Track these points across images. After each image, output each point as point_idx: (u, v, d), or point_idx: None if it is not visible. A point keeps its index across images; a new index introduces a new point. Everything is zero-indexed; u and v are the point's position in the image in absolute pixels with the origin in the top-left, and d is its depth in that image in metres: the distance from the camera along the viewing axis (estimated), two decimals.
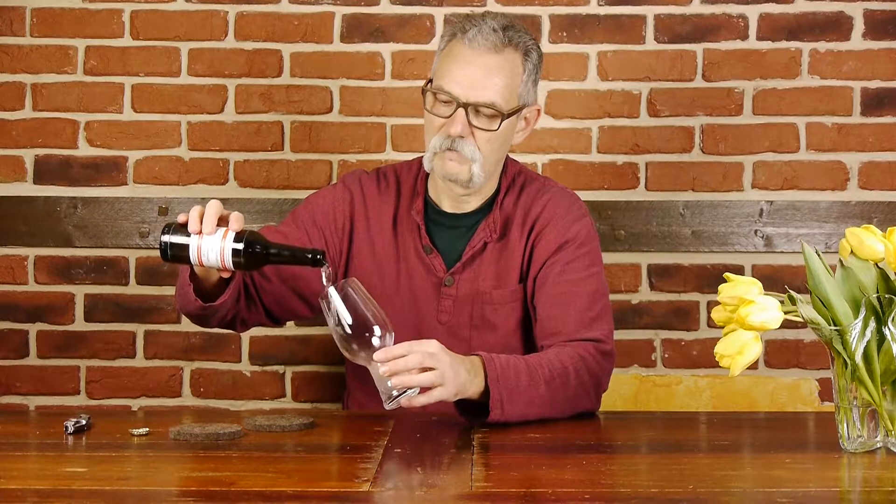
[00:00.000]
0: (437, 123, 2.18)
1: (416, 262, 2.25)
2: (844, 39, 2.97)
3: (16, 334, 3.00)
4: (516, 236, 2.24)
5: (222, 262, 1.89)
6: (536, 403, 2.01)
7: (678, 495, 1.55)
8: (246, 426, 1.94)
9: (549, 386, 2.03)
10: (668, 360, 2.99)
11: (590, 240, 2.25)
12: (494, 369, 1.98)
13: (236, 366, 2.97)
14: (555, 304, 2.18)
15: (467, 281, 2.23)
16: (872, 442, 1.77)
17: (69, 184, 2.99)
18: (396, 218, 2.28)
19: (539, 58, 2.25)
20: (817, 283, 1.74)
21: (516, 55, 2.19)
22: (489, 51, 2.16)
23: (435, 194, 2.29)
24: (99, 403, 3.00)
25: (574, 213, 2.27)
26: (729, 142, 2.99)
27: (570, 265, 2.20)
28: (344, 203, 2.29)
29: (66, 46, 2.98)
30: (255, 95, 2.99)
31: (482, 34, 2.16)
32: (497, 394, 1.97)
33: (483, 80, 2.15)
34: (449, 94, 2.16)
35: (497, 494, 1.55)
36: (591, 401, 2.12)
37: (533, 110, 2.27)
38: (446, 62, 2.19)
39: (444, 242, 2.26)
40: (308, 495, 1.58)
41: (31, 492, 1.57)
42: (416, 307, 2.23)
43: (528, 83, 2.22)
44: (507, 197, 2.27)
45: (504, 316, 2.23)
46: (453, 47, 2.19)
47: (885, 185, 2.98)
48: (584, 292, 2.19)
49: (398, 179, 2.32)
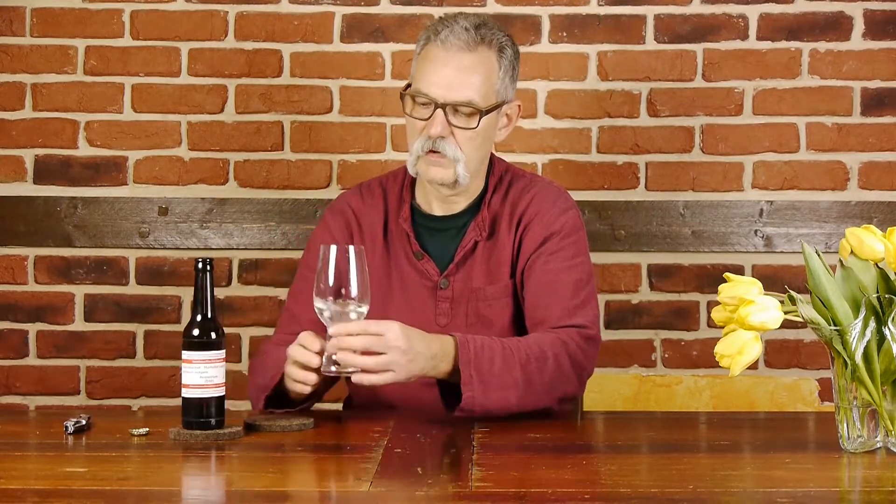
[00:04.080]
0: (418, 126, 2.20)
1: (408, 268, 2.26)
2: (844, 39, 2.97)
3: (16, 334, 3.00)
4: (505, 233, 2.26)
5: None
6: (511, 385, 2.01)
7: (678, 495, 1.55)
8: (246, 426, 1.94)
9: (524, 369, 2.03)
10: (668, 360, 2.99)
11: (575, 230, 2.26)
12: (468, 352, 2.00)
13: (236, 366, 2.97)
14: (540, 293, 2.20)
15: (461, 281, 2.24)
16: (872, 442, 1.77)
17: (69, 184, 2.99)
18: (387, 227, 2.29)
19: (514, 54, 2.25)
20: (817, 283, 1.74)
21: (490, 52, 2.20)
22: (462, 50, 2.18)
23: (423, 199, 2.30)
24: (99, 403, 3.00)
25: (559, 205, 2.28)
26: (729, 142, 2.99)
27: (554, 255, 2.22)
28: (340, 227, 2.31)
29: (66, 46, 2.98)
30: (255, 95, 2.99)
31: (454, 34, 2.18)
32: (468, 375, 1.98)
33: (459, 79, 2.17)
34: (426, 96, 2.18)
35: (497, 494, 1.55)
36: (573, 385, 2.13)
37: (513, 106, 2.28)
38: (422, 65, 2.21)
39: (434, 246, 2.27)
40: (308, 495, 1.58)
41: (31, 492, 1.57)
42: (413, 313, 2.23)
43: (506, 80, 2.23)
44: (495, 195, 2.28)
45: (498, 311, 2.24)
46: (428, 51, 2.21)
47: (885, 185, 2.98)
48: (568, 281, 2.20)
49: (384, 190, 2.33)
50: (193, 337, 1.89)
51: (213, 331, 1.89)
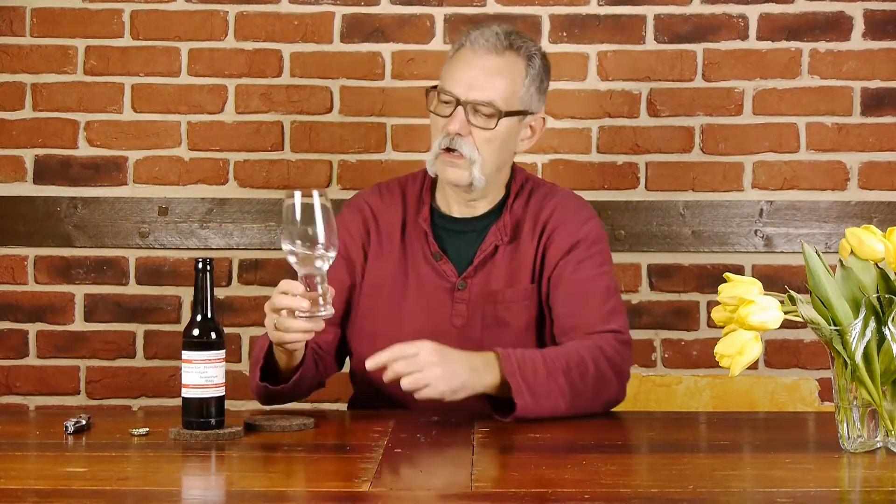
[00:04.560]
0: (440, 124, 2.22)
1: (426, 269, 2.27)
2: (844, 39, 2.97)
3: (16, 334, 3.00)
4: (527, 239, 2.27)
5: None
6: (557, 393, 2.05)
7: (678, 495, 1.55)
8: (246, 426, 1.94)
9: (567, 376, 2.06)
10: (668, 360, 2.99)
11: (600, 239, 2.30)
12: (511, 364, 2.03)
13: (236, 366, 2.97)
14: (572, 301, 2.22)
15: (479, 283, 2.25)
16: (872, 442, 1.77)
17: (69, 184, 2.99)
18: (405, 227, 2.30)
19: (544, 67, 2.28)
20: (817, 283, 1.74)
21: (518, 59, 2.23)
22: (490, 52, 2.21)
23: (443, 200, 2.31)
24: (99, 403, 3.00)
25: (583, 214, 2.31)
26: (729, 142, 2.99)
27: (582, 263, 2.24)
28: (357, 225, 2.32)
29: (66, 46, 2.98)
30: (255, 95, 2.99)
31: (484, 37, 2.22)
32: (517, 385, 2.01)
33: (482, 79, 2.20)
34: (449, 94, 2.20)
35: (497, 494, 1.55)
36: (615, 389, 2.15)
37: (538, 119, 2.29)
38: (451, 65, 2.25)
39: (453, 248, 2.28)
40: (308, 495, 1.58)
41: (31, 492, 1.57)
42: (429, 314, 2.25)
43: (531, 89, 2.24)
44: (517, 201, 2.30)
45: (516, 313, 2.25)
46: (459, 53, 2.25)
47: (885, 185, 2.98)
48: (599, 288, 2.23)
49: (403, 190, 2.34)
50: (193, 337, 1.89)
51: (213, 331, 1.89)
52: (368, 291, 2.28)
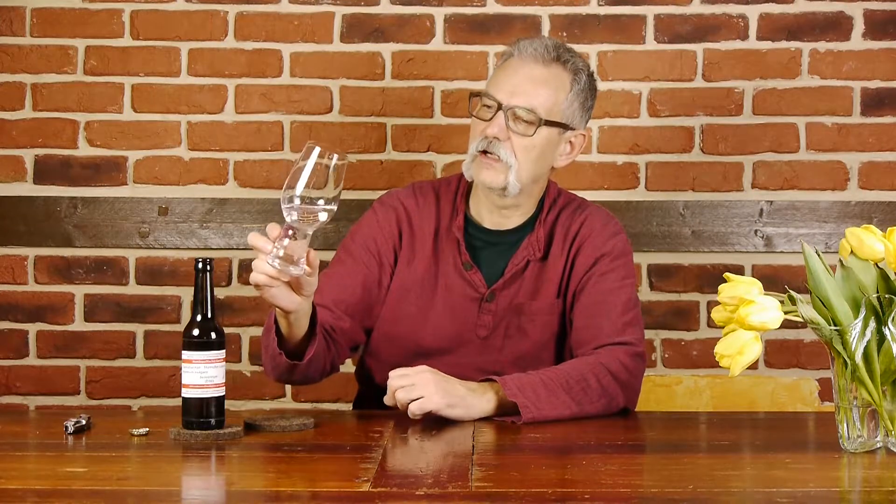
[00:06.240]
0: (479, 128, 2.23)
1: (455, 277, 2.26)
2: (844, 39, 2.97)
3: (16, 334, 3.00)
4: (557, 253, 2.28)
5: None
6: (561, 408, 2.05)
7: (678, 495, 1.55)
8: (246, 426, 1.95)
9: (569, 392, 2.06)
10: (668, 360, 2.99)
11: (624, 254, 2.30)
12: (511, 387, 2.03)
13: (236, 366, 2.97)
14: (590, 313, 2.22)
15: (507, 297, 2.25)
16: (872, 442, 1.77)
17: (69, 184, 2.99)
18: (438, 233, 2.30)
19: (590, 85, 2.28)
20: (817, 283, 1.74)
21: (564, 72, 2.23)
22: (536, 62, 2.22)
23: (476, 210, 2.31)
24: (99, 403, 3.00)
25: (610, 228, 2.31)
26: (729, 142, 2.99)
27: (604, 276, 2.25)
28: (391, 224, 2.31)
29: (66, 46, 2.98)
30: (255, 95, 2.99)
31: (532, 46, 2.24)
32: (523, 400, 2.01)
33: (526, 87, 2.21)
34: (492, 98, 2.21)
35: (497, 494, 1.55)
36: (621, 403, 2.14)
37: (579, 136, 2.29)
38: (497, 72, 2.27)
39: (484, 259, 2.28)
40: (308, 495, 1.58)
41: (31, 492, 1.57)
42: (455, 322, 2.25)
43: (574, 104, 2.25)
44: (549, 215, 2.30)
45: (539, 326, 2.25)
46: (506, 62, 2.27)
47: (885, 185, 2.98)
48: (618, 301, 2.23)
49: (437, 195, 2.34)
50: (193, 337, 1.89)
51: (213, 331, 1.89)
52: (396, 294, 2.27)
